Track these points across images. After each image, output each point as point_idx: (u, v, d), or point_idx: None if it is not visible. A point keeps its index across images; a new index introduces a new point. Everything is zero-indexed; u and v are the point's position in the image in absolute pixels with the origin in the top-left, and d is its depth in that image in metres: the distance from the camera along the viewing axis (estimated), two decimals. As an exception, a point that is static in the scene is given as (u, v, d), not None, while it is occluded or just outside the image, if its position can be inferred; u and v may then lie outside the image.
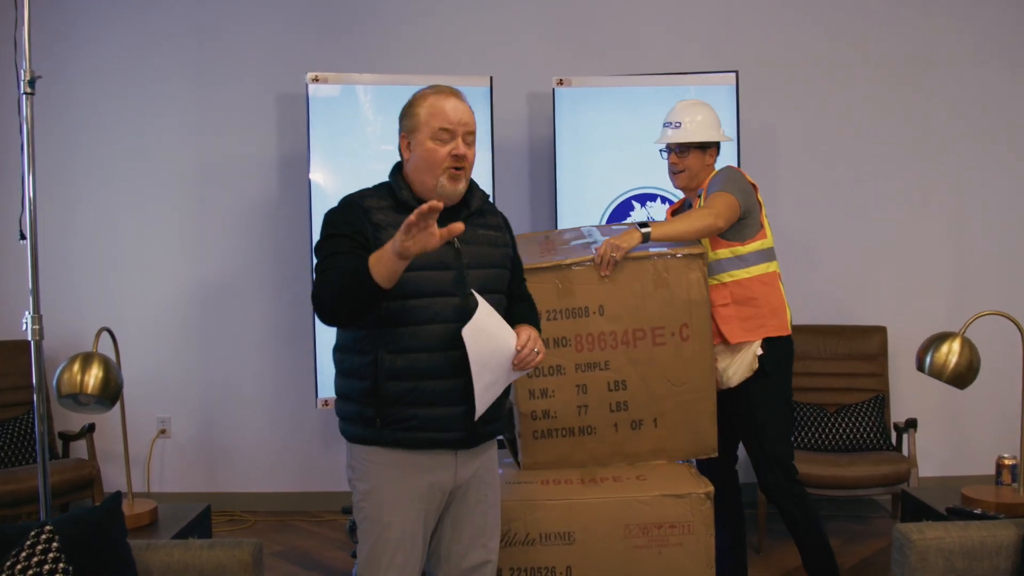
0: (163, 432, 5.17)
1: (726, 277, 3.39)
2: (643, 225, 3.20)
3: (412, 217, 2.16)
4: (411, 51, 5.13)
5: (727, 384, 3.39)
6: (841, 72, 5.22)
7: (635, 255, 3.15)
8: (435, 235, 2.20)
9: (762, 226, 3.46)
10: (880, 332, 5.09)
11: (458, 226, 2.23)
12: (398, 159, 2.64)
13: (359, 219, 2.47)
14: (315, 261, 2.50)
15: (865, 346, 5.06)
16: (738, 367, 3.37)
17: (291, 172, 5.06)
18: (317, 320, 4.45)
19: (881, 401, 4.87)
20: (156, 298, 5.16)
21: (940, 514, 3.16)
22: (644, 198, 4.70)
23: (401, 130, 2.57)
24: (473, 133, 2.54)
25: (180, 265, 5.16)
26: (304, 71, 4.60)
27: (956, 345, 3.15)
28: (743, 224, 3.37)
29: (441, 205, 2.18)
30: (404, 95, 2.61)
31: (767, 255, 3.46)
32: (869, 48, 5.21)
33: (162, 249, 5.16)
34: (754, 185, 3.47)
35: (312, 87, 4.53)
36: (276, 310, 5.15)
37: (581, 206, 4.70)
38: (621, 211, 4.69)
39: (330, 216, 2.53)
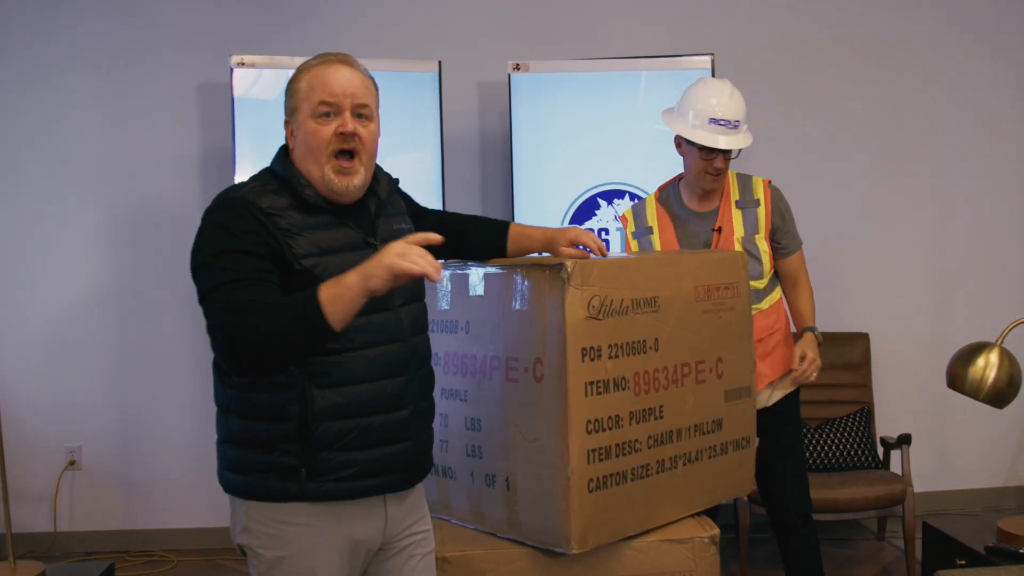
0: (72, 463, 4.75)
1: (767, 303, 3.24)
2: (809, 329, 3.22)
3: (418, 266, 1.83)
4: (350, 32, 4.73)
5: (764, 404, 3.14)
6: (823, 54, 4.92)
7: (503, 262, 2.52)
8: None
9: None
10: (863, 339, 4.78)
11: (434, 236, 1.91)
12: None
13: (259, 226, 1.98)
14: (202, 286, 1.98)
15: (847, 354, 4.73)
16: (784, 384, 3.18)
17: (216, 171, 4.67)
18: None
19: (867, 414, 4.54)
20: (64, 313, 4.74)
21: (978, 553, 2.76)
22: (611, 195, 4.34)
23: (285, 114, 2.13)
24: (367, 106, 2.08)
25: (91, 275, 4.75)
26: (228, 55, 4.17)
27: (994, 357, 2.75)
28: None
29: (440, 240, 1.92)
30: None
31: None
32: (854, 30, 4.96)
33: (70, 257, 4.74)
34: None
35: (237, 72, 4.08)
36: (199, 326, 4.59)
37: (540, 205, 4.33)
38: (585, 210, 4.32)
39: (215, 223, 2.01)
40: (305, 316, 1.85)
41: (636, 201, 3.33)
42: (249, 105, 4.15)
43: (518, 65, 4.31)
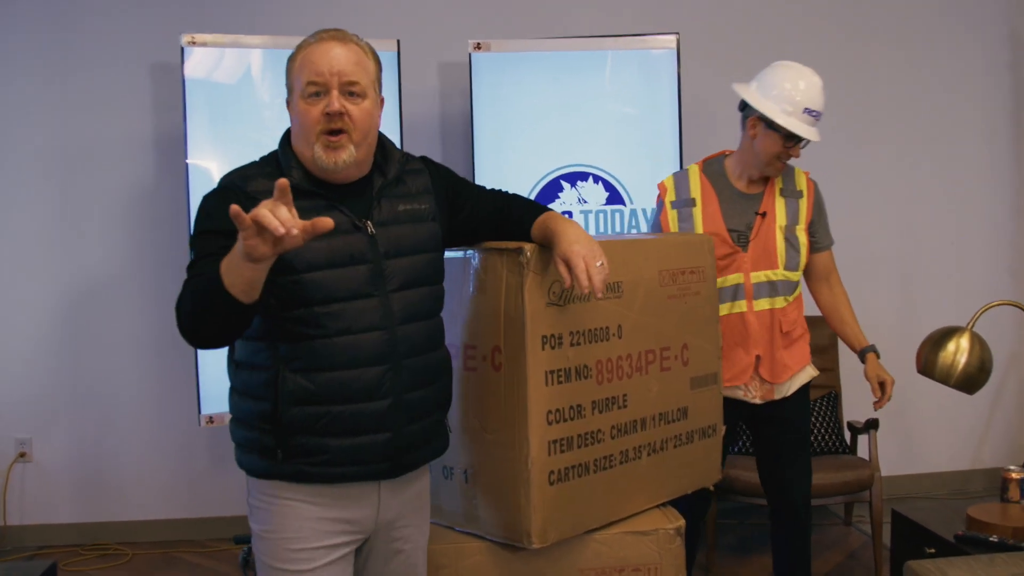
0: (23, 455, 4.61)
1: (795, 296, 3.21)
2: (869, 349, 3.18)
3: (260, 207, 1.66)
4: (304, 10, 4.60)
5: (785, 395, 3.13)
6: (791, 35, 4.85)
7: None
8: (291, 229, 1.68)
9: None
10: (830, 323, 4.70)
11: (325, 221, 1.74)
12: None
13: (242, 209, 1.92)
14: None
15: (815, 338, 4.55)
16: (802, 374, 3.18)
17: (169, 155, 4.54)
18: None
19: (834, 399, 4.49)
20: (12, 301, 4.60)
21: (947, 542, 2.71)
22: (575, 177, 4.25)
23: (287, 93, 2.11)
24: (358, 84, 2.02)
25: (40, 263, 4.61)
26: (179, 33, 4.03)
27: (965, 342, 2.69)
28: None
29: (285, 183, 1.71)
30: None
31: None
32: (822, 11, 4.91)
33: (19, 245, 4.60)
34: None
35: (189, 51, 3.94)
36: (153, 314, 4.62)
37: (503, 188, 4.18)
38: (548, 192, 4.22)
39: (204, 205, 2.07)
40: (210, 289, 1.81)
41: (678, 172, 3.24)
42: (203, 86, 4.01)
43: (479, 44, 4.19)
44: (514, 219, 2.30)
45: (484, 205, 2.31)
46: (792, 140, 3.00)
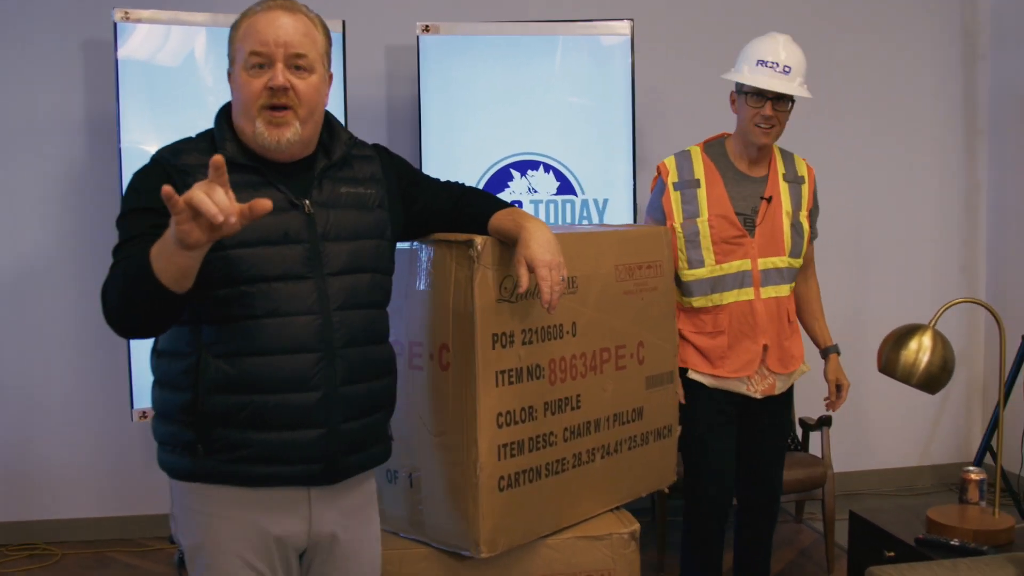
0: None
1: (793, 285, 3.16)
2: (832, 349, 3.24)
3: (195, 190, 1.54)
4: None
5: (782, 389, 3.11)
6: (747, 22, 4.69)
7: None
8: (228, 217, 1.56)
9: None
10: (781, 317, 4.65)
11: (263, 203, 1.61)
12: None
13: (171, 186, 1.78)
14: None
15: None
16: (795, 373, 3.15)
17: (101, 137, 4.35)
18: None
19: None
20: None
21: (908, 545, 2.64)
22: (524, 166, 4.13)
23: (228, 64, 1.96)
24: (305, 57, 1.89)
25: None
26: (111, 8, 3.84)
27: (927, 340, 2.62)
28: None
29: (221, 160, 1.58)
30: None
31: None
32: None
33: None
34: None
35: (123, 28, 3.76)
36: (83, 303, 4.41)
37: (450, 176, 4.00)
38: (497, 181, 4.11)
39: (134, 182, 1.94)
40: (138, 273, 1.69)
41: (679, 152, 3.12)
42: (142, 68, 3.84)
43: (427, 27, 4.05)
44: (470, 212, 2.17)
45: (439, 197, 2.19)
46: (758, 99, 2.92)
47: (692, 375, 3.00)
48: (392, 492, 2.33)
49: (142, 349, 3.70)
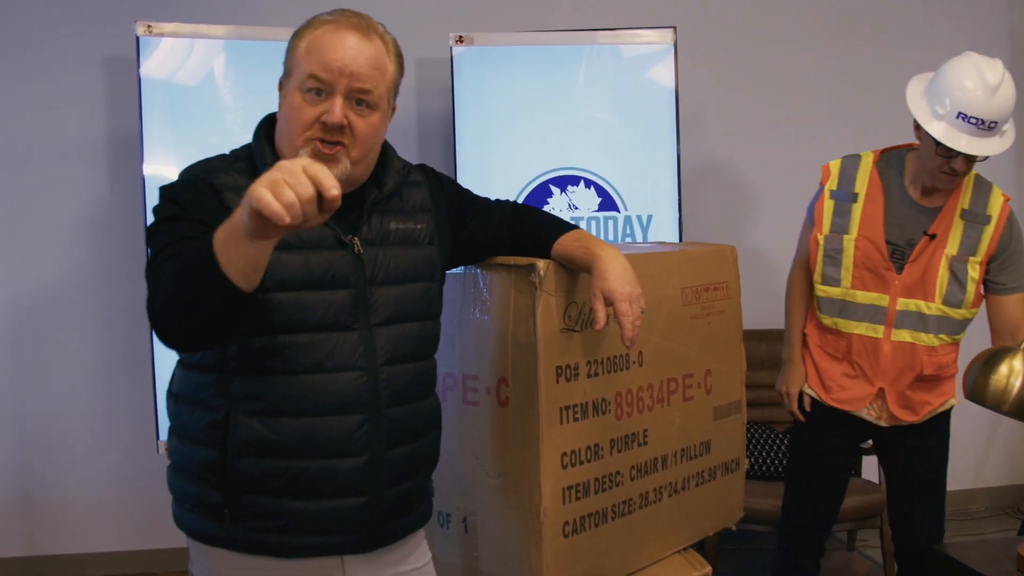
0: None
1: (952, 338, 2.81)
2: None
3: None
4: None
5: (909, 420, 2.86)
6: (795, 28, 4.61)
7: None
8: (330, 188, 1.32)
9: None
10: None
11: (333, 194, 1.33)
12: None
13: (208, 202, 1.64)
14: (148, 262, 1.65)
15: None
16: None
17: (124, 160, 4.25)
18: (156, 345, 3.66)
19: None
20: None
21: (1001, 588, 2.44)
22: (564, 181, 3.97)
23: (283, 73, 1.75)
24: (370, 93, 1.67)
25: None
26: (134, 21, 3.73)
27: (1018, 364, 2.42)
28: None
29: (338, 197, 1.32)
30: (264, 54, 1.77)
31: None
32: (828, 5, 4.66)
33: None
34: None
35: (145, 42, 3.64)
36: (106, 331, 4.35)
37: (486, 193, 3.92)
38: (536, 197, 3.96)
39: (167, 194, 1.72)
40: (200, 269, 1.43)
41: (849, 156, 2.84)
42: (162, 87, 3.72)
43: (461, 38, 3.91)
44: (529, 235, 1.99)
45: (491, 220, 2.00)
46: (947, 151, 2.58)
47: (807, 389, 2.83)
48: (444, 537, 2.15)
49: (165, 379, 3.58)
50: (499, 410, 2.01)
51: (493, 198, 2.10)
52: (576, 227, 2.01)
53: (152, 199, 3.58)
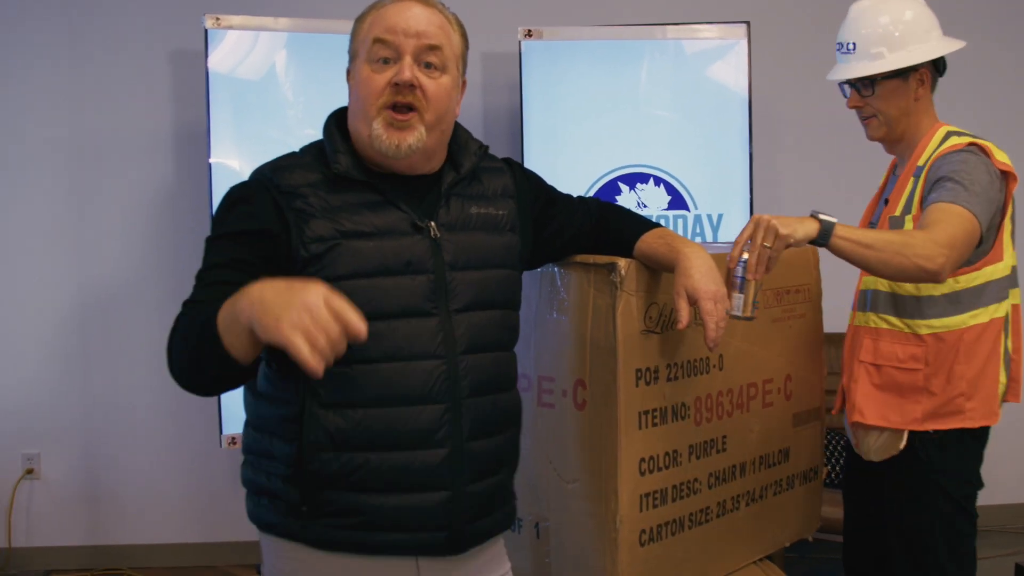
0: (30, 472, 4.36)
1: (924, 327, 2.30)
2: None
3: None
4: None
5: (867, 454, 2.39)
6: None
7: None
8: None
9: (997, 239, 2.28)
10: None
11: (360, 330, 1.36)
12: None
13: (268, 211, 1.60)
14: None
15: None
16: (886, 436, 2.35)
17: (191, 152, 4.27)
18: None
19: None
20: (21, 308, 4.35)
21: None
22: (633, 179, 3.92)
23: (349, 62, 1.73)
24: (439, 50, 1.66)
25: (52, 267, 4.37)
26: (201, 15, 3.75)
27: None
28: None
29: (364, 332, 1.36)
30: (324, 50, 1.79)
31: (997, 289, 2.31)
32: None
33: (29, 248, 4.36)
34: (1005, 169, 2.28)
35: (213, 34, 3.65)
36: (170, 322, 4.22)
37: (555, 190, 3.92)
38: (605, 194, 3.90)
39: (225, 201, 1.70)
40: (203, 338, 1.47)
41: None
42: (226, 81, 3.73)
43: (530, 32, 3.86)
44: (611, 233, 1.94)
45: (575, 217, 1.94)
46: (844, 91, 2.47)
47: None
48: (516, 543, 2.09)
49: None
50: (575, 413, 1.95)
51: (576, 196, 2.05)
52: (660, 225, 1.95)
53: (218, 190, 3.62)
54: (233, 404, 3.65)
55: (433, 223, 1.68)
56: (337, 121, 1.74)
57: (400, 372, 1.61)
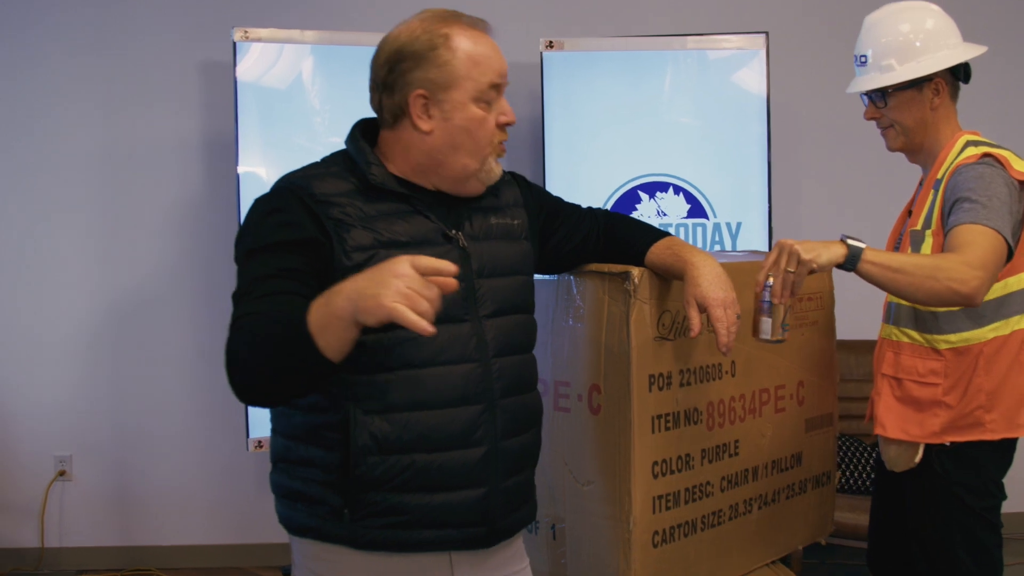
0: (62, 474, 4.42)
1: (943, 342, 2.32)
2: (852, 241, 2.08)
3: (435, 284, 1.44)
4: (363, 4, 4.34)
5: (892, 463, 2.40)
6: None
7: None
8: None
9: (1018, 250, 2.25)
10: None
11: (448, 266, 1.47)
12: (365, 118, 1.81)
13: (306, 220, 1.64)
14: (234, 291, 1.67)
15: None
16: (904, 448, 2.36)
17: (220, 160, 4.31)
18: None
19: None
20: (55, 314, 4.41)
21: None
22: (653, 187, 3.95)
23: (408, 86, 1.72)
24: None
25: (82, 272, 4.42)
26: (230, 27, 3.80)
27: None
28: None
29: (455, 271, 1.47)
30: (350, 60, 1.82)
31: (1020, 300, 2.31)
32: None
33: (63, 255, 4.42)
34: (1023, 179, 2.25)
35: (241, 47, 3.70)
36: (200, 328, 4.42)
37: (575, 199, 3.89)
38: (625, 203, 3.94)
39: (258, 212, 1.72)
40: (292, 346, 1.50)
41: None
42: (253, 90, 3.79)
43: (551, 43, 3.91)
44: (620, 241, 2.00)
45: (581, 227, 2.01)
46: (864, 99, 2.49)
47: None
48: (533, 543, 2.15)
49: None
50: (590, 417, 2.00)
51: (584, 206, 2.11)
52: (668, 234, 2.01)
53: (247, 198, 3.67)
54: (259, 408, 3.71)
55: (460, 233, 1.75)
56: (363, 134, 1.79)
57: (441, 376, 1.68)
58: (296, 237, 1.62)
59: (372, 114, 1.80)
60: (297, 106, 3.82)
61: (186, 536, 4.48)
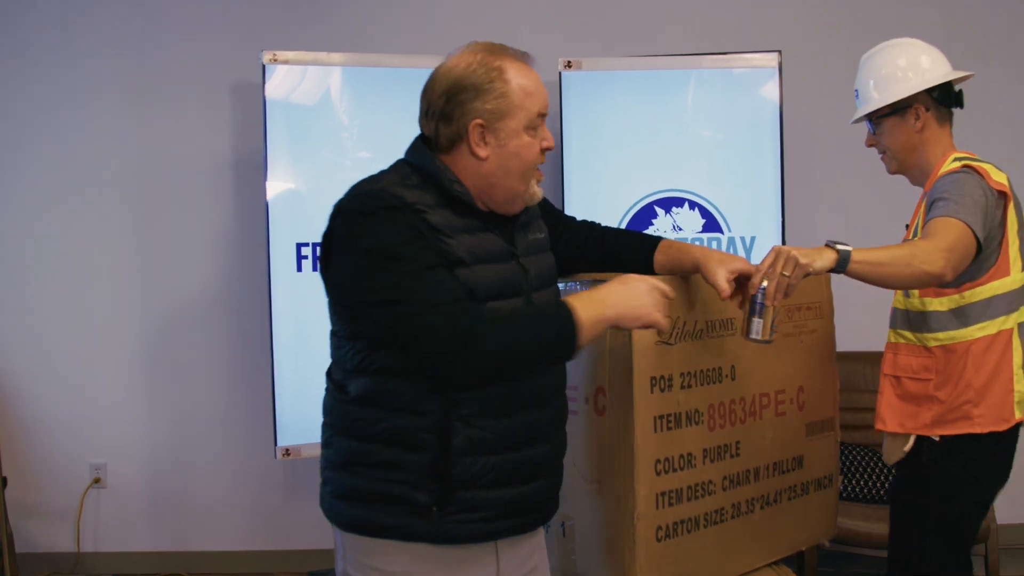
0: (97, 481, 4.52)
1: (932, 340, 2.47)
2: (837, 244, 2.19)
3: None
4: (388, 27, 4.45)
5: (888, 457, 2.57)
6: None
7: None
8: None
9: (1002, 255, 2.42)
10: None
11: (669, 291, 1.91)
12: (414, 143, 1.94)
13: (411, 223, 1.75)
14: (374, 296, 1.74)
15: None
16: (899, 441, 2.51)
17: (249, 179, 4.42)
18: (276, 355, 3.77)
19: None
20: (90, 323, 4.53)
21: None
22: (669, 203, 4.03)
23: (466, 115, 1.81)
24: None
25: (120, 288, 4.54)
26: (260, 51, 3.89)
27: None
28: (979, 257, 2.37)
29: (672, 295, 1.91)
30: (376, 79, 1.91)
31: (1006, 302, 2.45)
32: (937, 29, 4.54)
33: (99, 270, 4.53)
34: (1002, 190, 2.41)
35: (270, 69, 3.80)
36: (231, 340, 4.51)
37: (593, 214, 3.93)
38: (641, 218, 4.02)
39: (373, 219, 1.76)
40: (559, 339, 1.78)
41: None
42: (282, 107, 3.88)
43: (570, 63, 4.01)
44: (621, 249, 2.15)
45: (579, 236, 2.17)
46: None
47: None
48: (545, 540, 2.26)
49: (286, 388, 3.73)
50: (596, 419, 2.11)
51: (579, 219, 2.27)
52: (660, 238, 2.15)
53: (275, 214, 3.78)
54: (287, 418, 3.80)
55: (519, 251, 1.90)
56: (427, 150, 1.87)
57: (526, 384, 1.85)
58: (415, 235, 1.74)
59: (400, 127, 1.93)
60: (325, 122, 3.90)
61: (216, 541, 4.55)
